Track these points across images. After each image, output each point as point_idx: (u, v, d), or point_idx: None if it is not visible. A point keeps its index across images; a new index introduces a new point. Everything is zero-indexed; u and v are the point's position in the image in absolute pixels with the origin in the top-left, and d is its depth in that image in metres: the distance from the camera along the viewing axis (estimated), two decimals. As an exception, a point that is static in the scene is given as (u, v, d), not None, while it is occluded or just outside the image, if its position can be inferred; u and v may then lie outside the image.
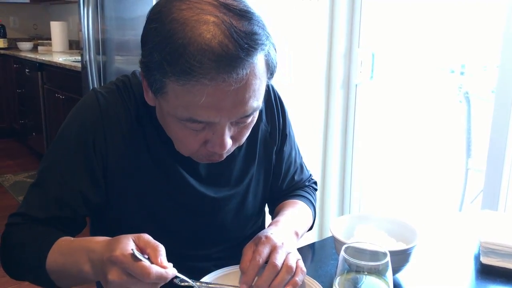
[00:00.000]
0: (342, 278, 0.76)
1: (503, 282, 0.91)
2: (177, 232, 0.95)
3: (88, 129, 0.87)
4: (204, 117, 0.74)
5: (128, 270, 0.67)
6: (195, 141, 0.79)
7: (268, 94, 1.04)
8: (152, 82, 0.76)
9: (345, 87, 2.41)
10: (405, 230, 0.93)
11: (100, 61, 2.69)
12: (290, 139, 1.09)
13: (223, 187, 0.97)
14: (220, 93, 0.71)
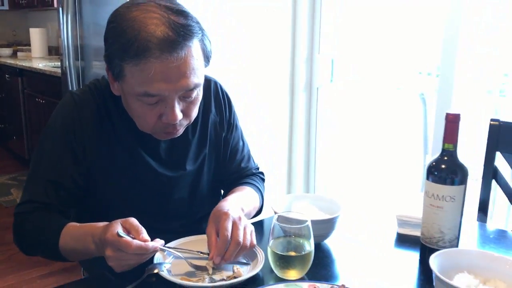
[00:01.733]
0: (275, 241, 0.95)
1: (415, 247, 1.11)
2: (143, 208, 1.14)
3: (68, 121, 1.07)
4: (155, 90, 0.94)
5: (117, 247, 0.87)
6: (152, 115, 0.99)
7: (217, 90, 1.25)
8: (113, 70, 0.98)
9: (307, 89, 2.62)
10: (333, 205, 1.13)
11: (79, 67, 2.84)
12: (237, 130, 1.30)
13: (180, 168, 1.17)
14: (165, 68, 0.92)
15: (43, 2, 4.50)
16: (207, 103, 1.22)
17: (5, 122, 4.85)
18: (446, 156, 0.97)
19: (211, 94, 1.24)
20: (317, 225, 1.01)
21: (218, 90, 1.26)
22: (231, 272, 0.95)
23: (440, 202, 0.96)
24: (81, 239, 0.98)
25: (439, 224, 0.98)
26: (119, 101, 1.08)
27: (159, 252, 0.98)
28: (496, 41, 2.07)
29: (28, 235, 1.06)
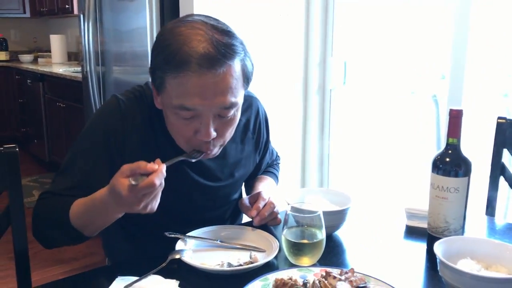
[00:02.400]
0: (289, 231, 1.01)
1: (422, 239, 1.16)
2: (174, 214, 1.17)
3: (111, 129, 1.08)
4: (190, 103, 0.96)
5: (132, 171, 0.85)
6: (187, 130, 1.01)
7: (258, 112, 1.32)
8: (155, 81, 1.02)
9: (320, 92, 2.68)
10: (344, 198, 1.19)
11: (99, 72, 2.94)
12: (269, 142, 1.42)
13: (218, 181, 1.23)
14: (202, 83, 0.95)
15: (63, 9, 4.64)
16: (247, 121, 1.28)
17: (27, 126, 4.99)
18: (450, 149, 1.03)
19: (252, 115, 1.29)
20: (328, 216, 1.07)
21: (258, 112, 1.31)
22: (248, 258, 1.01)
23: (445, 193, 1.02)
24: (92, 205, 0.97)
25: (444, 214, 1.03)
26: (162, 114, 1.09)
27: (180, 241, 1.05)
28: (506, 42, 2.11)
29: (41, 217, 1.07)
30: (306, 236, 1.01)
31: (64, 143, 4.09)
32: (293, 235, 1.01)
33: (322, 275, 0.89)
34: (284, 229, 1.01)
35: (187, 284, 0.93)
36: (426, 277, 1.01)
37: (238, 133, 1.24)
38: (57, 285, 1.05)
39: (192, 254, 1.03)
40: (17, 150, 1.16)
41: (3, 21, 5.62)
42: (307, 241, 1.00)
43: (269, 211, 1.15)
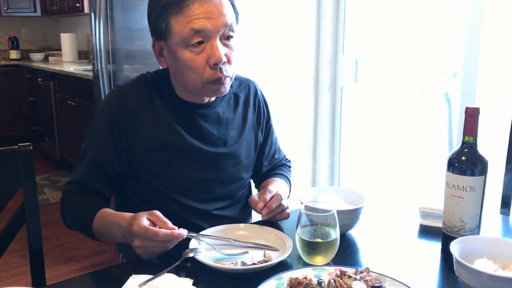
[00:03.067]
0: (302, 229, 1.01)
1: (437, 238, 1.15)
2: (184, 187, 1.24)
3: (112, 111, 1.20)
4: (199, 25, 1.08)
5: (145, 236, 0.96)
6: (200, 60, 1.11)
7: (255, 91, 1.40)
8: (160, 29, 1.13)
9: (331, 90, 2.67)
10: (357, 197, 1.19)
11: (110, 70, 2.95)
12: (271, 126, 1.44)
13: (222, 146, 1.27)
14: (204, 7, 1.08)
15: (74, 8, 4.66)
16: (247, 99, 1.35)
17: (38, 125, 5.03)
18: (466, 148, 1.01)
19: (250, 93, 1.37)
20: (342, 215, 1.06)
21: (256, 90, 1.40)
22: (262, 257, 1.01)
23: (460, 192, 1.01)
24: (109, 226, 1.09)
25: (460, 214, 1.02)
26: (163, 85, 1.23)
27: (194, 239, 1.05)
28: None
29: (69, 213, 1.20)
30: (320, 235, 1.00)
31: (74, 141, 4.11)
32: (307, 234, 1.00)
33: (337, 274, 0.88)
34: (298, 228, 1.01)
35: (201, 283, 0.93)
36: (442, 277, 1.00)
37: (240, 108, 1.33)
38: (72, 283, 1.06)
39: (206, 252, 1.03)
40: (32, 149, 1.17)
41: (14, 20, 5.66)
42: (321, 240, 0.99)
43: (276, 203, 1.16)
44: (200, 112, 1.25)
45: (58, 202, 1.26)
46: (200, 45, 1.11)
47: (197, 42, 1.10)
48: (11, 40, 5.52)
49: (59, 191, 3.96)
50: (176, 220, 1.15)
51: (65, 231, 3.12)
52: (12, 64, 5.33)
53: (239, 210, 1.36)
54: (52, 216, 3.26)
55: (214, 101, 1.28)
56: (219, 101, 1.29)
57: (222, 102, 1.30)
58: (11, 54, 5.50)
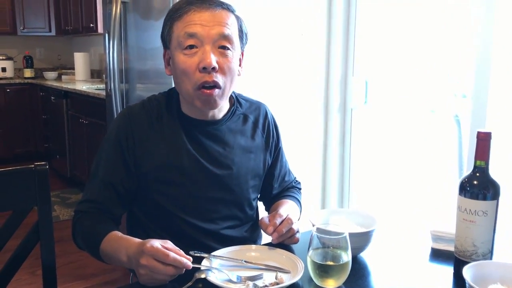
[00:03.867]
0: (314, 252, 1.01)
1: (449, 262, 1.15)
2: (190, 206, 1.25)
3: (121, 130, 1.24)
4: (193, 29, 1.15)
5: (154, 256, 0.97)
6: (192, 63, 1.16)
7: (266, 113, 1.41)
8: (164, 41, 1.22)
9: (341, 111, 2.68)
10: (368, 219, 1.19)
11: (123, 89, 2.99)
12: (282, 149, 1.45)
13: (227, 166, 1.28)
14: (202, 16, 1.15)
15: (88, 28, 4.75)
16: (256, 121, 1.36)
17: (50, 142, 5.08)
18: (478, 172, 1.02)
19: (260, 115, 1.38)
20: (353, 238, 1.07)
21: (266, 112, 1.42)
22: (274, 279, 1.01)
23: (472, 216, 1.01)
24: (117, 250, 1.10)
25: (472, 238, 1.02)
26: (172, 103, 1.27)
27: (206, 260, 1.06)
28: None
29: (80, 232, 1.22)
30: (331, 257, 1.00)
31: (85, 159, 4.15)
32: (318, 257, 1.00)
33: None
34: (310, 250, 1.01)
35: (212, 304, 0.93)
36: (454, 302, 1.00)
37: (248, 128, 1.34)
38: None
39: (217, 274, 1.03)
40: (47, 168, 1.19)
41: (29, 39, 5.77)
42: (333, 263, 0.99)
43: (286, 227, 1.16)
44: (205, 129, 1.26)
45: (68, 219, 1.29)
46: (192, 48, 1.16)
47: (189, 45, 1.16)
48: (26, 59, 5.62)
49: (69, 208, 3.98)
50: (184, 239, 1.19)
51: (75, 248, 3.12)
52: (26, 82, 5.42)
53: (248, 230, 1.36)
54: (62, 233, 3.27)
55: (221, 120, 1.29)
56: (226, 120, 1.30)
57: (229, 122, 1.31)
58: (25, 72, 5.60)
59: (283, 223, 1.17)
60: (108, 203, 1.22)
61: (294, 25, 2.48)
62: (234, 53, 1.20)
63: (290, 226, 1.17)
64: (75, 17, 5.04)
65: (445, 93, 2.56)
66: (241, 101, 1.37)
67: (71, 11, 5.10)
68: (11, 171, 1.16)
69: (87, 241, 1.20)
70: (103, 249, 1.14)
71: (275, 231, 1.15)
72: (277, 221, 1.16)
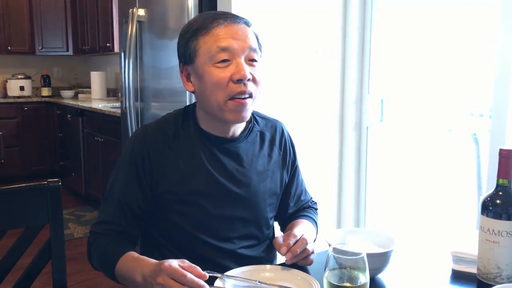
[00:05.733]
0: (330, 273, 0.98)
1: (470, 284, 1.11)
2: (206, 225, 1.23)
3: (136, 151, 1.22)
4: (226, 43, 1.15)
5: (172, 275, 0.95)
6: (224, 76, 1.15)
7: (282, 131, 1.40)
8: (187, 56, 1.20)
9: (357, 129, 2.65)
10: (386, 240, 1.15)
11: (138, 107, 3.00)
12: (298, 168, 1.42)
13: (245, 184, 1.26)
14: (231, 29, 1.17)
15: (104, 47, 4.81)
16: (273, 138, 1.35)
17: (65, 160, 5.12)
18: (501, 191, 0.98)
19: (277, 132, 1.37)
20: (371, 258, 1.03)
21: (283, 130, 1.40)
22: (288, 300, 0.98)
23: (496, 237, 0.97)
24: (132, 269, 1.08)
25: (496, 260, 0.98)
26: (189, 119, 1.26)
27: (219, 280, 1.03)
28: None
29: (95, 254, 1.20)
30: (348, 279, 0.97)
31: (100, 177, 4.16)
32: (335, 278, 0.97)
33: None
34: (326, 271, 0.98)
35: (226, 326, 0.90)
36: (478, 327, 0.96)
37: (265, 146, 1.33)
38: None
39: (231, 294, 1.00)
40: (60, 185, 1.19)
41: (47, 59, 5.87)
42: (350, 284, 0.96)
43: (301, 248, 1.13)
44: (223, 146, 1.25)
45: (83, 237, 1.28)
46: (225, 62, 1.16)
47: (223, 59, 1.16)
48: (43, 78, 5.71)
49: (83, 226, 3.98)
50: (200, 259, 1.16)
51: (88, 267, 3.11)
52: (43, 101, 5.50)
53: (265, 250, 1.33)
54: (76, 251, 3.27)
55: (239, 137, 1.28)
56: (244, 138, 1.29)
57: (247, 139, 1.29)
58: (43, 91, 5.68)
59: (298, 244, 1.14)
60: (124, 224, 1.20)
61: (309, 43, 2.47)
62: (260, 65, 1.22)
63: (304, 247, 1.14)
64: (92, 36, 5.11)
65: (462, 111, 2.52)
66: (258, 118, 1.36)
67: (88, 31, 5.19)
68: (24, 187, 1.16)
69: (102, 262, 1.18)
70: (119, 270, 1.12)
71: (289, 251, 1.12)
72: (291, 241, 1.13)
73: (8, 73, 5.59)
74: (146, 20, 2.86)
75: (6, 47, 5.40)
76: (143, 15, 2.86)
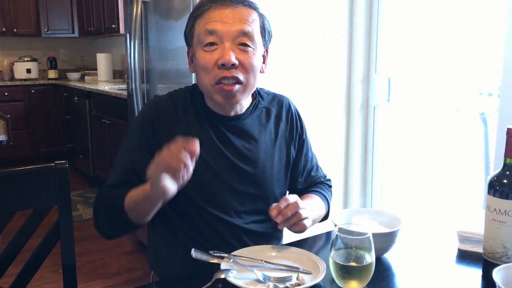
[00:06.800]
0: (336, 252, 0.98)
1: (476, 264, 1.11)
2: (214, 198, 1.23)
3: (147, 119, 1.24)
4: (212, 26, 1.16)
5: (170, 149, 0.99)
6: (211, 60, 1.16)
7: (289, 106, 1.40)
8: (186, 38, 1.24)
9: (364, 109, 2.64)
10: (393, 220, 1.15)
11: (144, 89, 3.00)
12: (306, 142, 1.42)
13: (251, 161, 1.27)
14: (223, 13, 1.16)
15: (110, 29, 4.79)
16: (279, 113, 1.35)
17: (73, 142, 5.15)
18: (508, 171, 0.98)
19: (283, 107, 1.37)
20: (377, 238, 1.03)
21: (289, 105, 1.40)
22: (295, 280, 0.99)
23: (502, 216, 0.97)
24: (139, 189, 1.10)
25: (502, 239, 0.98)
26: (197, 96, 1.27)
27: (225, 260, 1.04)
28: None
29: (102, 207, 1.20)
30: (354, 258, 0.97)
31: (108, 158, 4.19)
32: (341, 258, 0.97)
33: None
34: (332, 250, 0.98)
35: (232, 305, 0.92)
36: (483, 306, 0.96)
37: (271, 121, 1.33)
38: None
39: (237, 274, 1.01)
40: (67, 166, 1.19)
41: (53, 41, 5.86)
42: (356, 264, 0.96)
43: (292, 211, 1.11)
44: (230, 124, 1.26)
45: (91, 218, 1.28)
46: (212, 45, 1.17)
47: (209, 42, 1.16)
48: (49, 60, 5.71)
49: (92, 207, 4.02)
50: (209, 233, 1.20)
51: (97, 247, 3.17)
52: (50, 83, 5.51)
53: (273, 226, 1.32)
54: (85, 232, 3.31)
55: (244, 113, 1.29)
56: (249, 114, 1.30)
57: (251, 116, 1.30)
58: (49, 73, 5.69)
59: (289, 207, 1.11)
60: (131, 187, 1.17)
61: (316, 22, 2.45)
62: (256, 50, 1.20)
63: (296, 210, 1.11)
64: (97, 18, 5.09)
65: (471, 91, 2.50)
66: (263, 94, 1.37)
67: (94, 13, 5.16)
68: (31, 169, 1.17)
69: (109, 209, 1.17)
70: (127, 200, 1.13)
71: (279, 214, 1.10)
72: (282, 204, 1.11)
73: (14, 55, 5.59)
74: (151, 1, 2.84)
75: (12, 29, 5.39)
76: (148, -5, 2.84)
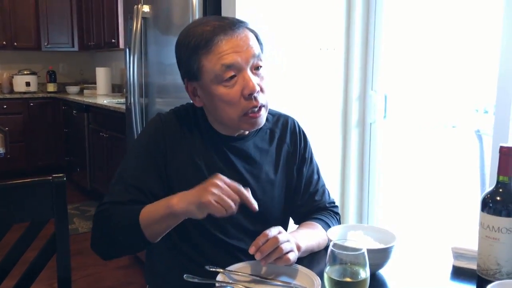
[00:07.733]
0: (331, 268, 0.99)
1: (470, 280, 1.11)
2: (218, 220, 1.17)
3: (153, 137, 1.22)
4: (229, 60, 1.13)
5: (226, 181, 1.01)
6: (234, 93, 1.15)
7: (294, 126, 1.39)
8: (192, 71, 1.17)
9: (360, 125, 2.65)
10: (387, 236, 1.16)
11: (142, 103, 3.02)
12: (311, 164, 1.40)
13: (253, 183, 1.26)
14: (232, 42, 1.14)
15: (110, 43, 4.83)
16: (283, 135, 1.34)
17: (71, 155, 5.15)
18: (501, 188, 0.99)
19: (288, 128, 1.36)
20: (372, 254, 1.04)
21: (294, 126, 1.39)
22: (289, 295, 0.99)
23: (496, 233, 0.98)
24: (157, 206, 1.08)
25: (496, 256, 0.99)
26: (201, 119, 1.26)
27: (221, 274, 1.05)
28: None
29: (109, 223, 1.13)
30: (349, 274, 0.98)
31: (105, 172, 4.19)
32: (336, 273, 0.98)
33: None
34: (327, 266, 0.99)
35: (227, 320, 0.92)
36: (477, 322, 0.96)
37: (274, 143, 1.33)
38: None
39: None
40: (65, 180, 1.20)
41: (53, 54, 5.90)
42: (351, 279, 0.97)
43: (271, 247, 1.06)
44: (232, 145, 1.26)
45: (87, 232, 1.28)
46: (232, 79, 1.15)
47: (230, 76, 1.14)
48: (49, 73, 5.74)
49: (88, 221, 4.01)
50: (207, 251, 1.20)
51: (93, 261, 3.16)
52: (49, 96, 5.53)
53: None
54: (80, 246, 3.30)
55: (248, 135, 1.28)
56: (253, 136, 1.29)
57: (255, 137, 1.30)
58: (48, 87, 5.71)
59: (268, 243, 1.07)
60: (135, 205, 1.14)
61: (313, 39, 2.47)
62: (264, 70, 1.21)
63: (275, 246, 1.07)
64: (97, 32, 5.13)
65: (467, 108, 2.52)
66: (268, 116, 1.33)
67: (94, 27, 5.21)
68: (29, 182, 1.17)
69: (120, 227, 1.11)
70: (143, 215, 1.08)
71: (258, 250, 1.06)
72: (260, 241, 1.07)
73: (14, 69, 5.62)
74: (151, 16, 2.87)
75: (12, 43, 5.43)
76: (148, 11, 2.87)
